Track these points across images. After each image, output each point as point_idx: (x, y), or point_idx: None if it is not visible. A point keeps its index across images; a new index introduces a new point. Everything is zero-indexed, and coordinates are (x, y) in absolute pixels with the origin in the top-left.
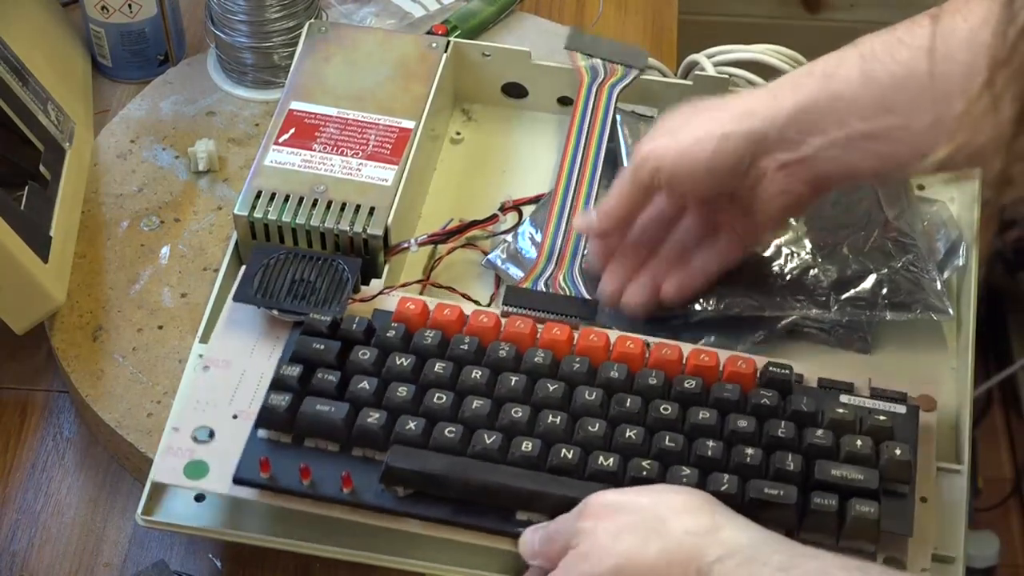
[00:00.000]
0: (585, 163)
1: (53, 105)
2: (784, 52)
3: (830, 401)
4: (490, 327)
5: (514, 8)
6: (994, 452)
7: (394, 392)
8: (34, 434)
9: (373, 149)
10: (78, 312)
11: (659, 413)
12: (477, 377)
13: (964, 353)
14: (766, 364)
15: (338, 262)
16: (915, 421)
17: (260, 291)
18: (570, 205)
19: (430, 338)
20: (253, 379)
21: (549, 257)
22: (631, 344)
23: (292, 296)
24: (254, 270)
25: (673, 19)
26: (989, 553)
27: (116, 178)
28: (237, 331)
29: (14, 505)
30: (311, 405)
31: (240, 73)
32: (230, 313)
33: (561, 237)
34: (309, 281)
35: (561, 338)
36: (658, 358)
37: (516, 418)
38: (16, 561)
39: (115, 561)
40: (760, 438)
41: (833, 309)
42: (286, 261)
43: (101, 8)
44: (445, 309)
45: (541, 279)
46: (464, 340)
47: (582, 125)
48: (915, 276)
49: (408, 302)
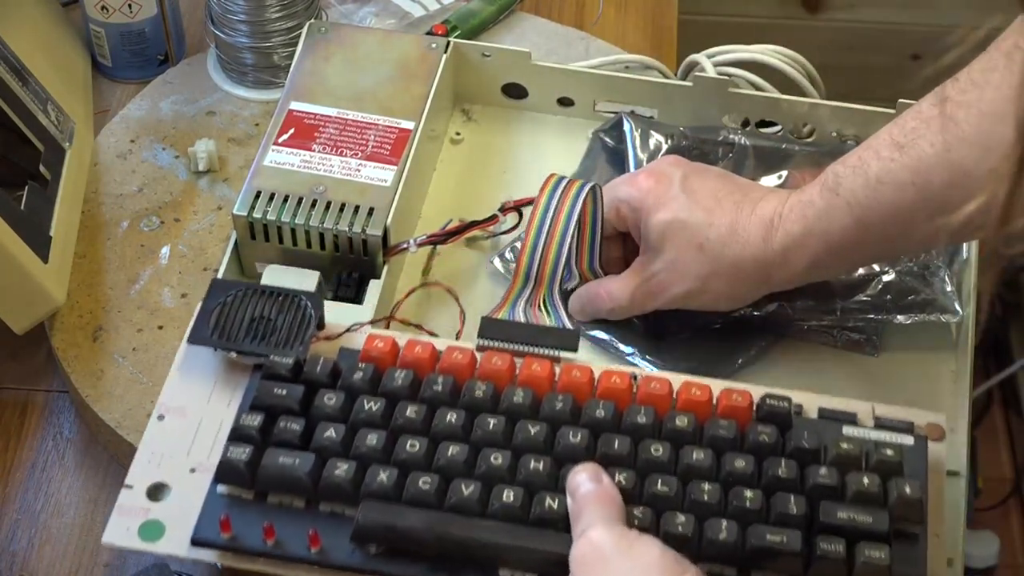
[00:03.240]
0: (568, 191)
1: (53, 105)
2: (784, 52)
3: (833, 434)
4: (465, 364)
5: (514, 8)
6: (994, 452)
7: (363, 440)
8: (34, 434)
9: (373, 149)
10: (78, 312)
11: (650, 454)
12: (452, 420)
13: (964, 353)
14: (763, 396)
15: (300, 297)
16: (924, 453)
17: (217, 331)
18: (550, 220)
19: (400, 379)
20: (211, 428)
21: (526, 278)
22: (617, 379)
23: (251, 336)
24: (210, 308)
25: (673, 19)
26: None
27: (116, 178)
28: (193, 376)
29: (14, 505)
30: (274, 457)
31: (240, 73)
32: (185, 356)
33: (539, 255)
34: (269, 319)
35: (542, 374)
36: (647, 393)
37: (495, 465)
38: (16, 561)
39: (115, 561)
40: (759, 478)
41: (841, 314)
42: (245, 297)
43: (101, 8)
44: (416, 346)
45: (519, 303)
46: (437, 380)
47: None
48: (924, 277)
49: (376, 339)
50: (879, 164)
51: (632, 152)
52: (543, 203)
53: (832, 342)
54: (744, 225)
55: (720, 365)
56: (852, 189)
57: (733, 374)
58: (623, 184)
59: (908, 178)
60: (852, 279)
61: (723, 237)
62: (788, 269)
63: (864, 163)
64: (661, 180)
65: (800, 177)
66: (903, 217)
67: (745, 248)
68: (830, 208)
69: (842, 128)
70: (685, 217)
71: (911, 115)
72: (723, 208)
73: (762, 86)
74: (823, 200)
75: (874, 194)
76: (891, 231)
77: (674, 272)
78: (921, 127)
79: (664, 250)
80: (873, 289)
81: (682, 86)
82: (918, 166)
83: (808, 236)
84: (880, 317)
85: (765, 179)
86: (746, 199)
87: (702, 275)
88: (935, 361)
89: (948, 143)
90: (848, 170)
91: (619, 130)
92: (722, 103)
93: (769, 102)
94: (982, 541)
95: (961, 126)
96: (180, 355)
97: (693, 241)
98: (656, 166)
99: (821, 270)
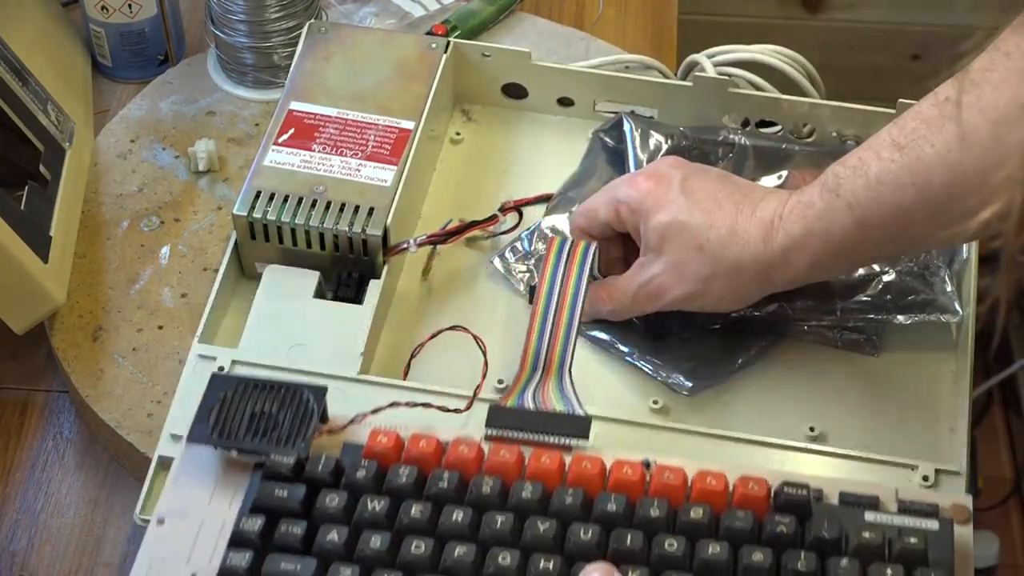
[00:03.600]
0: (573, 255)
1: (53, 105)
2: (784, 52)
3: (855, 521)
4: (471, 459)
5: (514, 8)
6: (994, 452)
7: (367, 542)
8: (34, 434)
9: (372, 149)
10: (78, 312)
11: (663, 549)
12: (459, 519)
13: (964, 353)
14: (781, 484)
15: (302, 391)
16: (950, 539)
17: (217, 429)
18: (556, 302)
19: (405, 476)
20: (212, 531)
21: (534, 365)
22: (629, 470)
23: (252, 433)
24: (210, 404)
25: (673, 19)
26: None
27: (116, 178)
28: (193, 476)
29: (14, 505)
30: (275, 563)
31: (240, 73)
32: (185, 456)
33: (547, 340)
34: (271, 414)
35: (551, 467)
36: (660, 483)
37: (504, 565)
38: (16, 561)
39: (115, 561)
40: (778, 573)
41: (841, 314)
42: (245, 392)
43: (101, 8)
44: (421, 440)
45: (528, 391)
46: (443, 476)
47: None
48: (924, 277)
49: (380, 435)
50: (879, 165)
51: (632, 152)
52: (547, 279)
53: (832, 342)
54: (744, 226)
55: (720, 365)
56: (852, 190)
57: (733, 374)
58: (622, 185)
59: (908, 179)
60: (852, 279)
61: (723, 239)
62: (789, 270)
63: (864, 164)
64: (660, 182)
65: (800, 177)
66: (904, 218)
67: (745, 249)
68: (830, 209)
69: (842, 128)
70: (685, 219)
71: (911, 116)
72: (723, 210)
73: (762, 86)
74: (823, 201)
75: (874, 195)
76: (892, 232)
77: (674, 274)
78: (921, 128)
79: (664, 252)
80: (873, 289)
81: (682, 86)
82: (918, 167)
83: (808, 237)
84: (880, 317)
85: (765, 179)
86: (746, 200)
87: (702, 277)
88: (935, 361)
89: (948, 144)
90: (848, 171)
91: (619, 130)
92: (722, 103)
93: (769, 102)
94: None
95: (961, 127)
96: (179, 455)
97: (693, 243)
98: (655, 168)
99: (822, 271)
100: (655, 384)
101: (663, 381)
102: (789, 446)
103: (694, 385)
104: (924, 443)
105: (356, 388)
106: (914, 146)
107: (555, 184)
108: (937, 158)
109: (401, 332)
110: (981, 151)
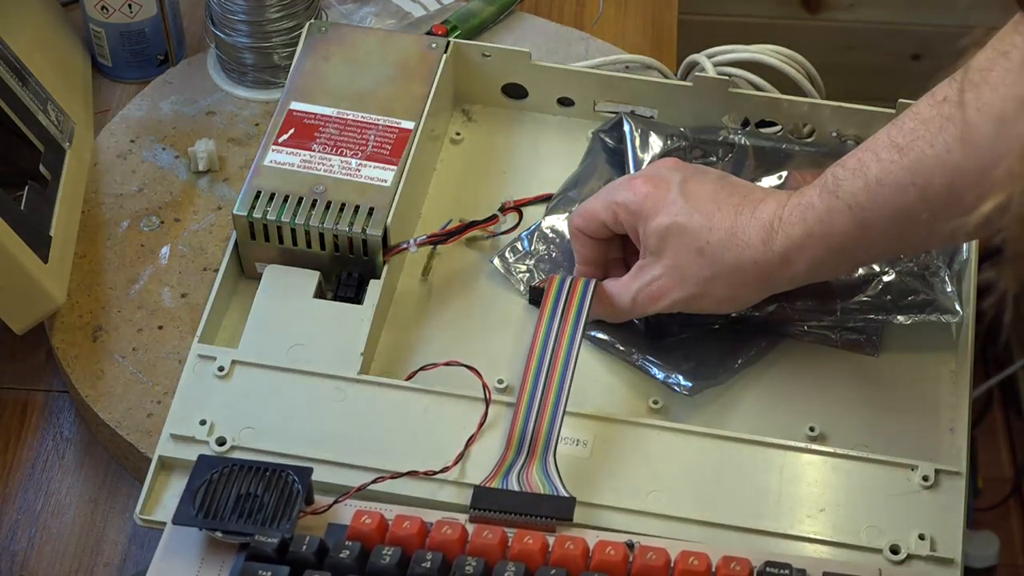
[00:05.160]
0: (561, 338)
1: (53, 105)
2: (784, 52)
3: None
4: (455, 539)
5: (514, 8)
6: (994, 452)
7: None
8: (34, 434)
9: (372, 149)
10: (78, 312)
11: None
12: None
13: (964, 353)
14: (763, 565)
15: (287, 473)
16: None
17: (203, 510)
18: (543, 385)
19: (388, 556)
20: None
21: (519, 448)
22: (612, 551)
23: (238, 514)
24: (196, 486)
25: (673, 19)
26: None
27: (116, 178)
28: (178, 557)
29: (14, 505)
30: None
31: (240, 73)
32: (170, 537)
33: (532, 423)
34: (256, 495)
35: (534, 548)
36: (643, 565)
37: None
38: (16, 561)
39: (115, 561)
40: None
41: (841, 314)
42: (231, 474)
43: (101, 8)
44: (405, 522)
45: (512, 473)
46: (427, 557)
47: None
48: (924, 277)
49: (364, 515)
50: (879, 166)
51: (632, 152)
52: (534, 361)
53: (832, 342)
54: (744, 228)
55: (720, 365)
56: (852, 191)
57: (733, 374)
58: (620, 188)
59: (908, 179)
60: (852, 279)
61: (723, 241)
62: (789, 271)
63: (864, 165)
64: (659, 184)
65: (800, 177)
66: (904, 218)
67: (745, 251)
68: (830, 210)
69: (842, 128)
70: (684, 221)
71: (909, 116)
72: (722, 211)
73: (762, 86)
74: (823, 202)
75: (874, 196)
76: (892, 232)
77: (674, 277)
78: (920, 128)
79: (664, 255)
80: (873, 289)
81: (682, 86)
82: (918, 167)
83: (808, 238)
84: (880, 317)
85: (765, 179)
86: (745, 202)
87: (702, 279)
88: (935, 361)
89: (947, 144)
90: (848, 172)
91: (619, 130)
92: (722, 103)
93: (769, 102)
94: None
95: (960, 126)
96: (165, 537)
97: (693, 245)
98: (654, 170)
99: (822, 271)
100: (655, 384)
101: (663, 381)
102: (789, 446)
103: (694, 385)
104: (924, 443)
105: (356, 388)
106: (913, 147)
107: (555, 184)
108: (937, 158)
109: (401, 332)
110: (981, 150)
